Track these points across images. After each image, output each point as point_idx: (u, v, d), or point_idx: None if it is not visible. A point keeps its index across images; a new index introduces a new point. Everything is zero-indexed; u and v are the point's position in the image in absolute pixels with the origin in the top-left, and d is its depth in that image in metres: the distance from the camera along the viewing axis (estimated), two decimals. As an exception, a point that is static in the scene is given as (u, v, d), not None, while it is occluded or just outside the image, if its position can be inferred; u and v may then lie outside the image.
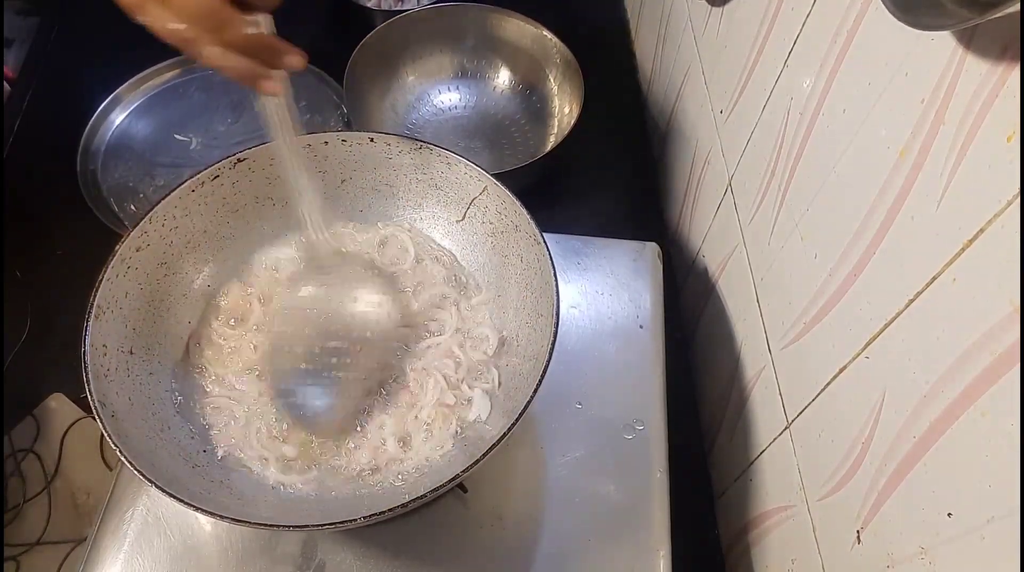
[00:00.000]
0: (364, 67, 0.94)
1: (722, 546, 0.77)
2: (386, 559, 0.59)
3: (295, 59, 0.49)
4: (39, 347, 0.83)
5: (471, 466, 0.49)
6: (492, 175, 0.62)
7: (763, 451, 0.67)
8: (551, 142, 0.98)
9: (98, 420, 0.50)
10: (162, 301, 0.61)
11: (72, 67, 1.08)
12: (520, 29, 0.99)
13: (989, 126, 0.37)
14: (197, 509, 0.47)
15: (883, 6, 0.40)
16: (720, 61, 0.78)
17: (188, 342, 0.63)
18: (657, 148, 1.05)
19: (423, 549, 0.60)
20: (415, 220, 0.70)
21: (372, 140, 0.65)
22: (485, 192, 0.64)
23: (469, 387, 0.62)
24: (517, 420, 0.50)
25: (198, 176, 0.61)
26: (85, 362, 0.52)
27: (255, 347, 0.63)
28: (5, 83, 1.03)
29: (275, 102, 0.51)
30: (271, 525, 0.50)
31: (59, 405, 0.80)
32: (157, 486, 0.47)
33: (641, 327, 0.72)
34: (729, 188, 0.76)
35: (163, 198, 0.60)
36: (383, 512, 0.49)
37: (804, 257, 0.58)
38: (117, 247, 0.57)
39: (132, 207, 0.91)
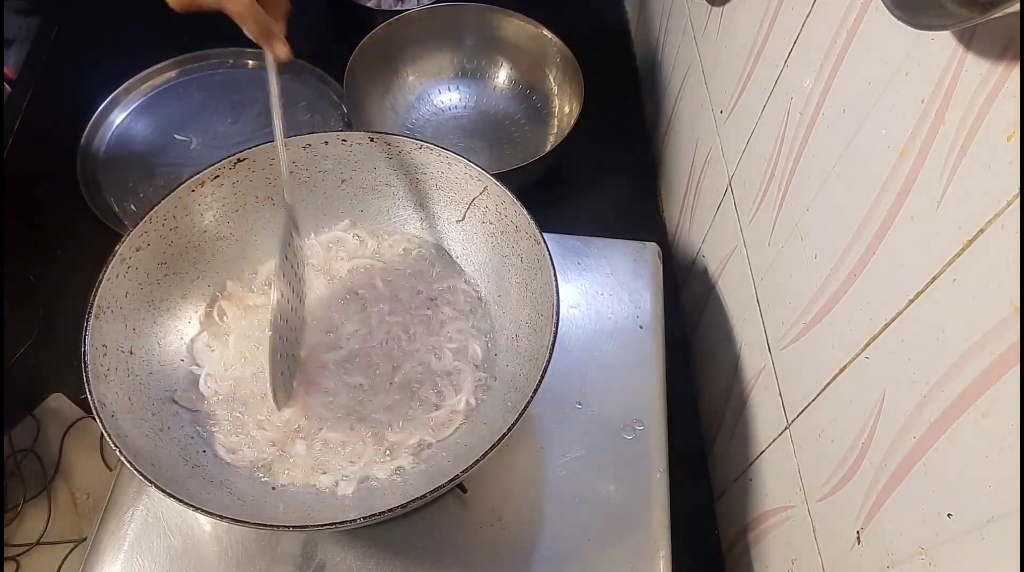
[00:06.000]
0: (364, 67, 0.94)
1: (722, 546, 0.77)
2: (386, 559, 0.59)
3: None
4: (39, 347, 0.83)
5: (471, 466, 0.49)
6: (492, 175, 0.62)
7: (763, 451, 0.67)
8: (551, 142, 0.98)
9: (98, 420, 0.50)
10: (162, 301, 0.61)
11: (72, 67, 1.08)
12: (520, 29, 0.99)
13: (989, 126, 0.37)
14: (197, 509, 0.47)
15: (883, 6, 0.40)
16: (720, 61, 0.78)
17: (188, 341, 0.63)
18: (657, 148, 1.05)
19: (423, 549, 0.60)
20: (415, 220, 0.70)
21: (372, 140, 0.65)
22: (485, 192, 0.64)
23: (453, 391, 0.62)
24: (517, 420, 0.50)
25: (198, 176, 0.61)
26: (85, 362, 0.52)
27: (256, 346, 0.63)
28: (5, 83, 1.03)
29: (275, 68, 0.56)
30: (271, 525, 0.50)
31: (59, 405, 0.80)
32: (157, 486, 0.47)
33: (641, 327, 0.72)
34: (729, 188, 0.76)
35: (163, 198, 0.60)
36: (383, 512, 0.49)
37: (804, 257, 0.58)
38: (117, 247, 0.57)
39: (132, 207, 0.91)
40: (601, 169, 1.04)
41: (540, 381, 0.52)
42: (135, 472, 0.48)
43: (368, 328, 0.64)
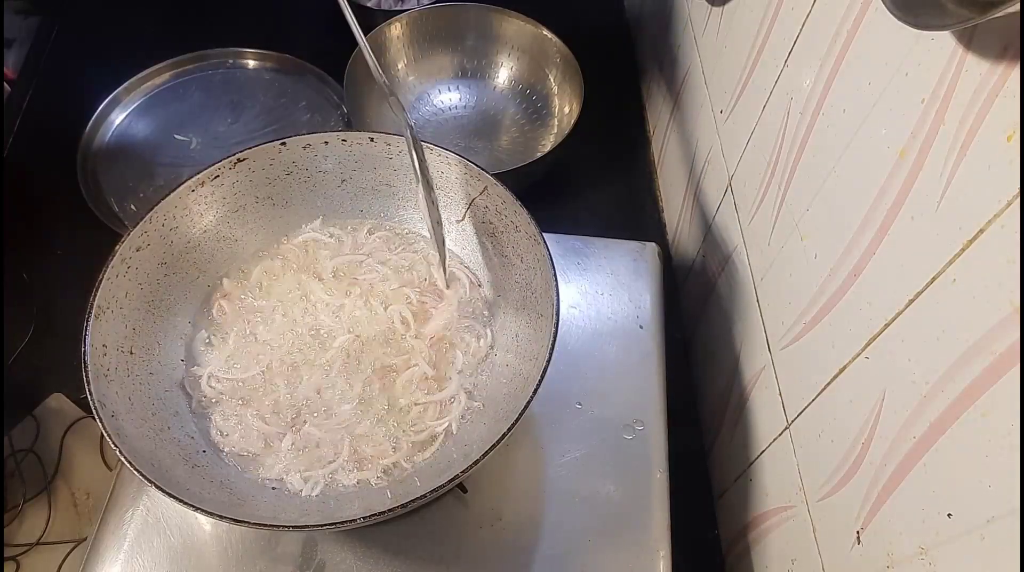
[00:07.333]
0: (364, 67, 0.94)
1: (722, 546, 0.77)
2: (386, 559, 0.59)
3: None
4: (39, 347, 0.83)
5: (471, 466, 0.49)
6: (492, 175, 0.62)
7: (763, 451, 0.67)
8: (551, 142, 0.98)
9: (98, 420, 0.50)
10: (162, 301, 0.61)
11: (72, 67, 1.08)
12: (520, 29, 0.99)
13: (989, 126, 0.37)
14: (197, 509, 0.47)
15: (883, 6, 0.40)
16: (720, 61, 0.78)
17: (188, 341, 0.63)
18: (657, 148, 1.05)
19: (423, 549, 0.60)
20: (415, 220, 0.70)
21: (372, 140, 0.65)
22: (485, 192, 0.64)
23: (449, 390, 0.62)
24: (517, 420, 0.50)
25: (198, 176, 0.61)
26: (85, 362, 0.52)
27: (256, 346, 0.63)
28: (5, 83, 1.03)
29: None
30: (271, 525, 0.50)
31: (59, 405, 0.80)
32: (157, 486, 0.47)
33: (641, 327, 0.72)
34: (729, 188, 0.76)
35: (163, 198, 0.60)
36: (383, 512, 0.49)
37: (804, 257, 0.58)
38: (117, 247, 0.57)
39: (132, 207, 0.91)
40: (601, 169, 1.04)
41: (540, 381, 0.52)
42: (135, 472, 0.48)
43: (366, 323, 0.65)
